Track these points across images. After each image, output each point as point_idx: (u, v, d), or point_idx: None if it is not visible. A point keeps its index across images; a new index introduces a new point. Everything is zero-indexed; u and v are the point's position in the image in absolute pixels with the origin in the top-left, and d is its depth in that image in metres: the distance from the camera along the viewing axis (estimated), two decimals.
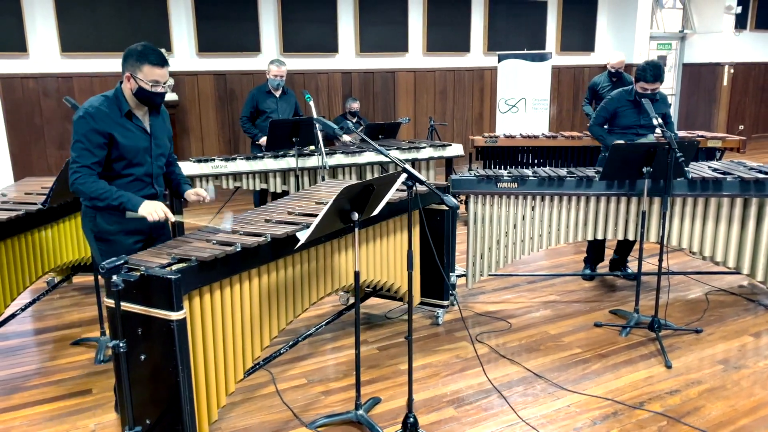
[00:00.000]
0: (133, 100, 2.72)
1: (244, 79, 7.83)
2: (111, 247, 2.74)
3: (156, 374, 2.35)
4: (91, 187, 2.63)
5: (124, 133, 2.69)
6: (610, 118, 4.57)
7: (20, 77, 6.82)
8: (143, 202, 2.66)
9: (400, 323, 4.06)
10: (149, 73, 2.64)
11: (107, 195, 2.63)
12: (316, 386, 3.30)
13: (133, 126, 2.74)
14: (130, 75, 2.65)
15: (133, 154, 2.73)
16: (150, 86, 2.66)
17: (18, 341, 3.89)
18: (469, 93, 9.42)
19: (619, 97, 4.53)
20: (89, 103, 2.67)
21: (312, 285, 3.04)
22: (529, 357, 3.57)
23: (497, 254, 4.22)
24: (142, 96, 2.70)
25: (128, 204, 2.65)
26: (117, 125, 2.67)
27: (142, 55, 2.64)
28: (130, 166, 2.74)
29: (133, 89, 2.68)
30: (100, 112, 2.64)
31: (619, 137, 4.51)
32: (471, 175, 4.15)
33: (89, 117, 2.62)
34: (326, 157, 5.06)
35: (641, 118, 4.42)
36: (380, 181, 2.66)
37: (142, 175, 2.79)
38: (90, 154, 2.63)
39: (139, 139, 2.75)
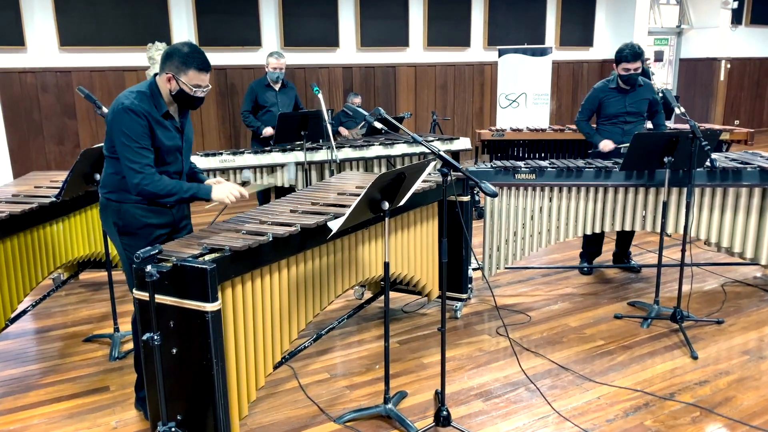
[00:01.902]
0: (167, 98, 2.63)
1: (245, 73, 7.74)
2: (136, 241, 2.65)
3: (188, 368, 2.28)
4: (159, 185, 2.53)
5: (164, 133, 2.61)
6: (596, 109, 4.56)
7: (18, 72, 6.69)
8: (212, 188, 2.61)
9: (417, 317, 4.01)
10: (194, 78, 2.57)
11: (177, 189, 2.56)
12: (339, 380, 3.24)
13: (170, 125, 2.66)
14: (173, 76, 2.56)
15: (169, 153, 2.66)
16: (192, 91, 2.59)
17: (28, 339, 3.80)
18: (470, 88, 9.39)
19: (602, 87, 4.53)
20: (129, 100, 2.53)
21: (338, 276, 2.98)
22: (553, 349, 3.53)
23: (514, 246, 4.18)
24: (182, 98, 2.62)
25: (200, 193, 2.59)
26: (157, 124, 2.59)
27: (189, 58, 2.55)
28: (164, 165, 2.66)
29: (173, 90, 2.59)
30: (143, 109, 2.54)
31: (608, 128, 4.49)
32: (488, 167, 4.10)
33: (135, 114, 2.51)
34: (335, 151, 4.99)
35: (627, 105, 4.42)
36: (411, 170, 2.61)
37: (173, 172, 2.72)
38: (147, 151, 2.54)
39: (175, 139, 2.68)
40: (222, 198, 2.62)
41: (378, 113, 2.60)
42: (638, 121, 4.51)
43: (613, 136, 4.47)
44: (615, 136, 4.47)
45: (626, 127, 4.45)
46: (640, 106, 4.47)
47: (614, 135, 4.48)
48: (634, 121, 4.48)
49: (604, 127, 4.54)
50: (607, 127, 4.52)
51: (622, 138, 4.46)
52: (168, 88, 2.60)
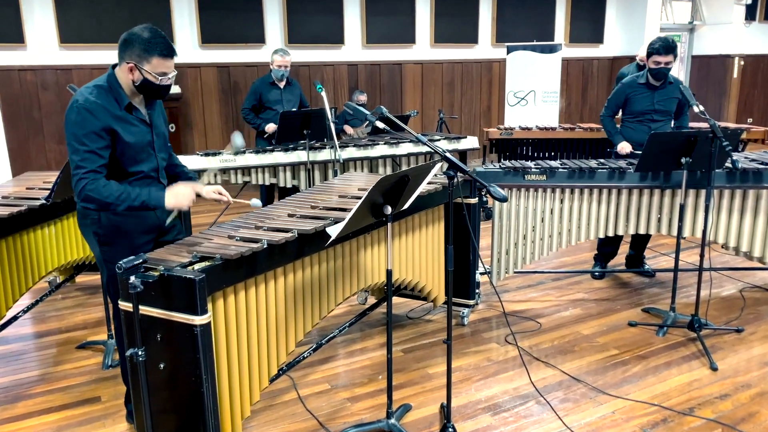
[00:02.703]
0: (130, 89, 2.42)
1: (248, 71, 7.60)
2: (117, 249, 2.46)
3: (176, 384, 2.14)
4: (104, 192, 2.30)
5: (127, 128, 2.39)
6: (622, 105, 4.38)
7: (18, 69, 6.58)
8: (166, 194, 2.38)
9: (422, 323, 3.86)
10: (159, 65, 2.35)
11: (125, 197, 2.32)
12: (340, 392, 3.10)
13: (134, 119, 2.44)
14: (135, 66, 2.35)
15: (138, 149, 2.44)
16: (158, 79, 2.38)
17: (20, 345, 3.67)
18: (478, 85, 9.21)
19: (630, 83, 4.34)
20: (83, 97, 2.31)
21: (338, 284, 2.84)
22: (565, 359, 3.38)
23: (523, 250, 4.02)
24: (147, 88, 2.40)
25: (151, 201, 2.35)
26: (118, 120, 2.36)
27: (152, 44, 2.33)
28: (136, 163, 2.45)
29: (136, 81, 2.38)
30: (98, 106, 2.31)
31: (633, 125, 4.32)
32: (496, 167, 3.94)
33: (87, 113, 2.29)
34: (339, 150, 4.85)
35: (656, 103, 4.24)
36: (415, 172, 2.45)
37: (149, 171, 2.52)
38: (96, 156, 2.31)
39: (142, 133, 2.47)
40: (177, 205, 2.40)
41: (380, 112, 2.45)
42: (666, 120, 4.33)
43: (638, 134, 4.29)
44: (641, 134, 4.28)
45: (653, 125, 4.27)
46: (669, 104, 4.29)
47: (640, 133, 4.29)
48: (662, 120, 4.30)
49: (630, 124, 4.35)
50: (632, 125, 4.34)
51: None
52: (130, 78, 2.38)
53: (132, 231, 2.48)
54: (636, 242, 4.60)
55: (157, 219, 2.55)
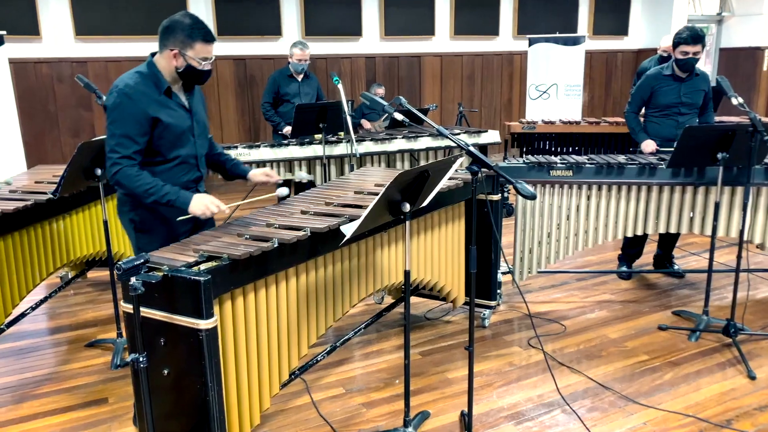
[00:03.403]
0: (171, 76, 2.44)
1: (265, 64, 7.48)
2: (154, 238, 2.47)
3: (181, 391, 2.02)
4: (135, 181, 2.33)
5: (167, 113, 2.42)
6: (647, 99, 4.17)
7: (33, 62, 6.53)
8: (193, 199, 2.37)
9: (441, 325, 3.71)
10: (201, 51, 2.39)
11: (154, 191, 2.33)
12: (355, 396, 2.96)
13: (174, 104, 2.46)
14: (178, 52, 2.38)
15: (177, 134, 2.46)
16: (200, 64, 2.41)
17: (29, 342, 3.59)
18: (498, 78, 9.00)
19: (656, 75, 4.14)
20: (123, 83, 2.37)
21: (353, 285, 2.70)
22: (591, 365, 3.21)
23: (547, 249, 3.84)
24: (190, 74, 2.43)
25: (177, 202, 2.35)
26: (158, 105, 2.39)
27: (194, 30, 2.37)
28: (175, 149, 2.47)
29: (179, 67, 2.41)
30: (138, 91, 2.35)
31: (659, 120, 4.12)
32: (520, 162, 3.77)
33: (126, 98, 2.33)
34: (356, 144, 4.70)
35: (683, 95, 4.03)
36: (436, 167, 2.30)
37: (187, 157, 2.53)
38: (131, 142, 2.33)
39: (182, 118, 2.49)
40: (198, 213, 2.37)
41: (399, 102, 2.29)
42: (693, 113, 4.13)
43: (665, 129, 4.10)
44: (668, 129, 4.09)
45: (681, 119, 4.07)
46: (696, 97, 4.08)
47: (666, 127, 4.10)
48: (689, 113, 4.10)
49: (655, 118, 4.15)
50: (658, 119, 4.14)
51: (676, 131, 4.08)
52: (173, 65, 2.41)
53: (170, 220, 2.46)
54: (664, 241, 4.40)
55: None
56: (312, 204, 2.77)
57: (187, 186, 2.54)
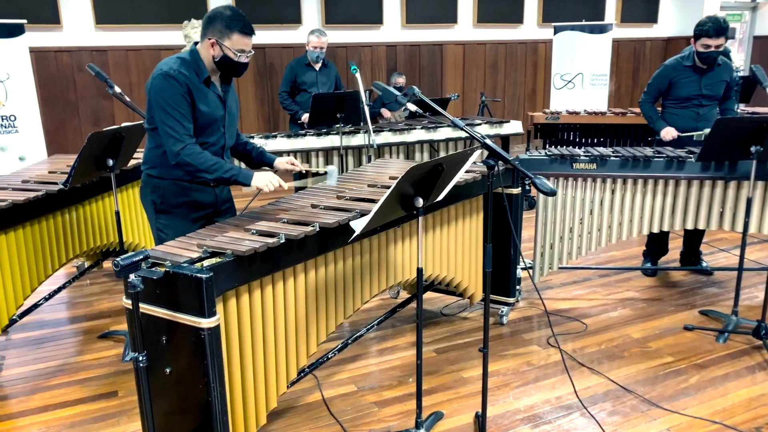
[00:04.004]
0: (210, 66, 2.50)
1: (284, 52, 7.40)
2: (173, 221, 2.56)
3: (183, 391, 1.96)
4: (200, 158, 2.41)
5: (204, 100, 2.49)
6: (665, 90, 4.00)
7: (54, 51, 6.54)
8: (255, 174, 2.45)
9: (458, 321, 3.61)
10: (238, 42, 2.44)
11: (217, 167, 2.42)
12: (366, 395, 2.89)
13: (211, 93, 2.53)
14: (216, 42, 2.43)
15: (209, 122, 2.53)
16: (236, 56, 2.45)
17: (44, 332, 3.58)
18: (522, 67, 8.81)
19: (675, 64, 3.96)
20: (167, 66, 2.43)
21: (365, 281, 2.61)
22: (612, 366, 3.09)
23: (569, 244, 3.72)
24: (227, 65, 2.48)
25: (240, 177, 2.43)
26: (197, 91, 2.46)
27: (233, 21, 2.42)
28: (203, 136, 2.53)
29: (216, 56, 2.46)
30: (182, 74, 2.42)
31: (678, 111, 3.95)
32: (542, 154, 3.64)
33: (173, 80, 2.40)
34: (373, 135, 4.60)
35: (703, 87, 3.86)
36: (451, 160, 2.20)
37: (214, 146, 2.58)
38: (186, 120, 2.42)
39: (217, 108, 2.55)
40: (261, 186, 2.44)
41: (412, 93, 2.19)
42: (713, 105, 3.96)
43: (684, 121, 3.94)
44: (687, 121, 3.93)
45: (701, 110, 3.91)
46: (717, 88, 3.91)
47: (686, 120, 3.94)
48: (709, 105, 3.93)
49: (673, 110, 3.99)
50: (676, 110, 3.98)
51: (697, 123, 3.92)
52: (211, 54, 2.47)
53: (188, 203, 2.54)
54: (689, 238, 4.24)
55: (215, 197, 2.63)
56: (324, 197, 2.69)
57: None
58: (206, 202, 2.62)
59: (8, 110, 5.73)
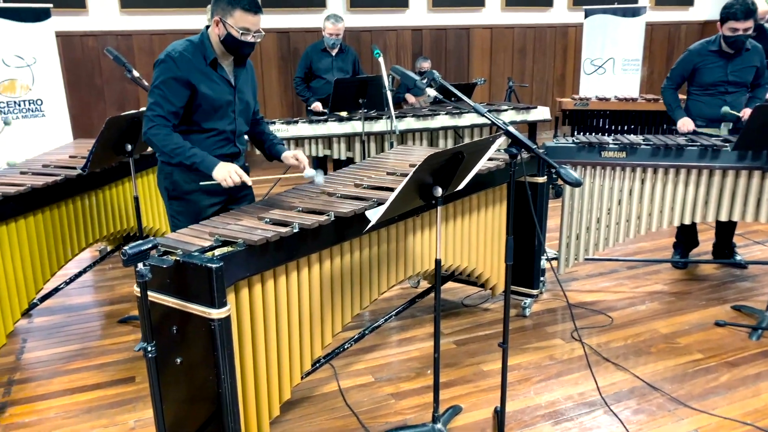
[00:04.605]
0: (219, 48, 2.47)
1: (309, 37, 7.31)
2: (186, 207, 2.55)
3: (194, 382, 1.93)
4: (164, 140, 2.39)
5: (207, 83, 2.45)
6: (689, 77, 3.83)
7: (79, 35, 6.56)
8: (218, 165, 2.38)
9: (479, 312, 3.53)
10: (240, 20, 2.37)
11: (180, 151, 2.39)
12: (384, 386, 2.84)
13: (217, 77, 2.48)
14: (219, 19, 2.39)
15: (215, 107, 2.49)
16: (239, 34, 2.38)
17: (65, 316, 3.60)
18: (551, 52, 8.59)
19: (699, 49, 3.79)
20: (172, 47, 2.44)
21: (382, 272, 2.55)
22: (638, 362, 2.98)
23: (596, 235, 3.60)
24: (230, 44, 2.43)
25: (201, 165, 2.38)
26: (200, 74, 2.43)
27: None
28: (211, 121, 2.50)
29: (221, 35, 2.42)
30: (184, 57, 2.40)
31: (703, 99, 3.78)
32: (569, 142, 3.51)
33: (171, 62, 2.39)
34: (395, 121, 4.52)
35: (730, 73, 3.68)
36: (472, 148, 2.11)
37: (224, 131, 2.55)
38: (167, 102, 2.39)
39: (223, 92, 2.50)
40: (219, 179, 2.37)
41: (432, 77, 2.10)
42: (741, 91, 3.79)
43: (710, 108, 3.78)
44: (712, 108, 3.77)
45: (728, 97, 3.75)
46: (746, 74, 3.73)
47: (711, 107, 3.78)
48: (736, 92, 3.76)
49: (698, 97, 3.83)
50: (701, 98, 3.82)
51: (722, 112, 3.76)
52: (217, 33, 2.43)
53: (195, 191, 2.51)
54: (721, 229, 4.08)
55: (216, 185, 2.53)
56: (341, 185, 2.62)
57: (221, 159, 2.52)
58: (219, 190, 2.54)
59: (35, 94, 5.77)
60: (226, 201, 2.64)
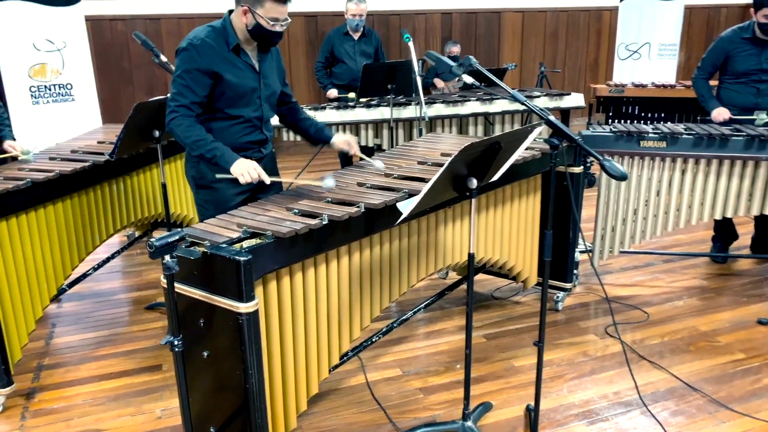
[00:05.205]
0: (243, 35, 2.41)
1: (337, 20, 7.19)
2: (213, 196, 2.51)
3: (221, 376, 1.89)
4: (187, 131, 2.35)
5: (231, 70, 2.40)
6: (721, 65, 3.67)
7: (109, 19, 6.56)
8: (237, 160, 2.33)
9: (510, 305, 3.45)
10: (271, 10, 2.32)
11: (201, 144, 2.34)
12: (412, 380, 2.78)
13: (240, 63, 2.43)
14: (248, 9, 2.33)
15: (240, 93, 2.44)
16: (269, 24, 2.33)
17: (94, 301, 3.62)
18: (585, 36, 8.36)
19: (731, 37, 3.63)
20: (194, 35, 2.38)
21: (412, 264, 2.48)
22: (676, 360, 2.88)
23: (632, 228, 3.48)
24: (258, 34, 2.38)
25: (221, 159, 2.33)
26: (223, 61, 2.38)
27: None
28: (237, 107, 2.46)
29: (249, 25, 2.36)
30: (206, 44, 2.35)
31: (735, 87, 3.61)
32: (606, 131, 3.39)
33: (194, 50, 2.33)
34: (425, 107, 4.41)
35: (764, 61, 3.51)
36: (509, 138, 2.02)
37: (250, 118, 2.51)
38: (190, 92, 2.34)
39: (248, 78, 2.45)
40: (237, 175, 2.31)
41: (468, 63, 2.01)
42: None
43: (743, 97, 3.63)
44: (746, 97, 3.62)
45: (762, 86, 3.59)
46: None
47: (745, 96, 3.63)
48: None
49: (730, 86, 3.68)
50: (734, 86, 3.67)
51: (757, 99, 3.60)
52: (243, 22, 2.36)
53: (224, 181, 2.44)
54: (761, 223, 3.91)
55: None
56: (371, 174, 2.55)
57: (247, 147, 2.53)
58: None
59: (65, 79, 5.79)
60: (253, 191, 2.58)
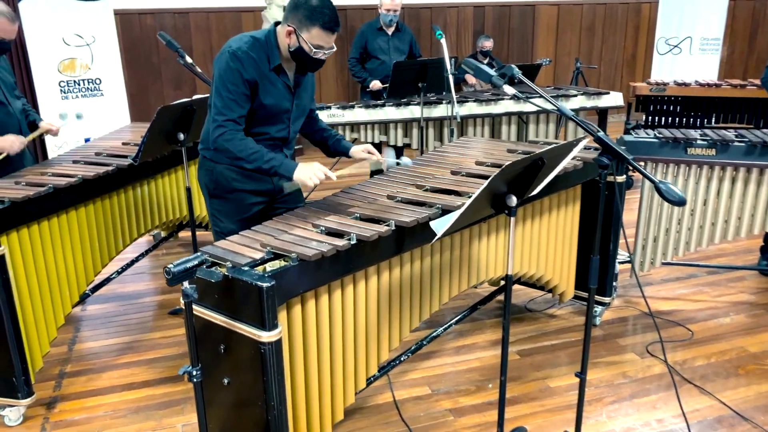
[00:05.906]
0: (285, 53, 2.29)
1: (366, 14, 7.05)
2: (227, 206, 2.41)
3: (242, 405, 1.79)
4: (239, 145, 2.23)
5: (269, 89, 2.30)
6: None
7: (137, 13, 6.52)
8: (297, 166, 2.23)
9: (544, 319, 3.30)
10: (317, 37, 2.20)
11: (257, 156, 2.22)
12: (441, 400, 2.66)
13: (279, 82, 2.32)
14: (294, 30, 2.21)
15: (272, 113, 2.34)
16: (312, 51, 2.22)
17: (117, 305, 3.56)
18: (622, 30, 8.07)
19: None
20: (237, 45, 2.25)
21: (444, 282, 2.35)
22: (725, 385, 2.70)
23: (676, 239, 3.29)
24: (300, 57, 2.26)
25: (281, 169, 2.23)
26: (263, 78, 2.27)
27: (316, 13, 2.16)
28: (264, 125, 2.36)
29: (291, 46, 2.25)
30: (250, 58, 2.23)
31: None
32: (650, 137, 3.20)
33: (239, 62, 2.21)
34: (456, 106, 4.26)
35: None
36: (552, 154, 1.87)
37: (275, 138, 2.40)
38: (237, 105, 2.23)
39: (283, 99, 2.35)
40: (304, 180, 2.21)
41: (510, 73, 1.86)
42: None
43: None
44: None
45: None
46: None
47: None
48: None
49: None
50: None
51: None
52: (287, 42, 2.25)
53: (242, 191, 2.38)
54: None
55: (272, 185, 2.43)
56: (401, 185, 2.42)
57: None
58: (262, 190, 2.42)
59: (94, 74, 5.76)
60: (270, 201, 2.49)
